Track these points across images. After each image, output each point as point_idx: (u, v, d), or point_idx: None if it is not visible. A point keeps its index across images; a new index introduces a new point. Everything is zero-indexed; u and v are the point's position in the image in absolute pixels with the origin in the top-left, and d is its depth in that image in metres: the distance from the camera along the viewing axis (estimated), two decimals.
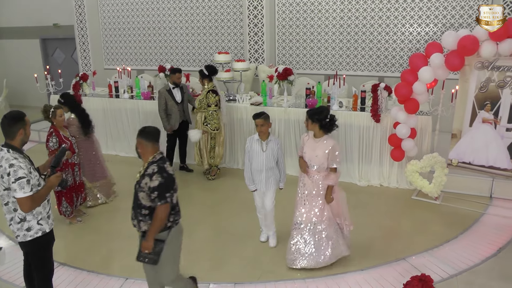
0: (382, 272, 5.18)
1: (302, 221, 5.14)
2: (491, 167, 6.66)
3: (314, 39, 10.18)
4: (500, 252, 5.58)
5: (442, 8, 9.14)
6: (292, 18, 10.19)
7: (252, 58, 10.25)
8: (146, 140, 3.96)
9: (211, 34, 11.02)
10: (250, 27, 10.14)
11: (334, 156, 4.98)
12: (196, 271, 5.11)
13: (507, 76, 6.32)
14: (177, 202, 4.03)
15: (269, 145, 5.35)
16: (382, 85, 7.25)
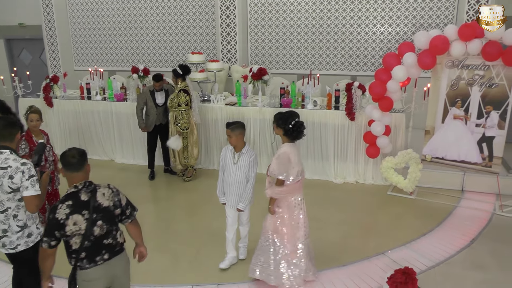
0: (362, 267, 5.28)
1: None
2: (462, 161, 6.88)
3: (286, 39, 10.26)
4: (473, 243, 5.81)
5: (412, 9, 9.38)
6: (265, 18, 10.25)
7: (225, 58, 10.26)
8: (66, 170, 3.36)
9: (183, 34, 10.96)
10: (223, 27, 10.14)
11: (272, 164, 4.63)
12: (179, 272, 5.15)
13: (476, 74, 6.54)
14: (82, 247, 3.30)
15: (241, 158, 4.90)
16: (356, 84, 7.39)
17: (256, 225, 5.22)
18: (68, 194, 3.31)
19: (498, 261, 5.39)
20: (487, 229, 6.18)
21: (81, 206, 3.28)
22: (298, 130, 4.53)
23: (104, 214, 3.35)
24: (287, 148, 4.53)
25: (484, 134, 6.62)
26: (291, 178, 4.59)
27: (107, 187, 3.45)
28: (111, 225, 3.41)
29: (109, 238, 3.40)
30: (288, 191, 4.63)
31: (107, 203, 3.38)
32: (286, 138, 4.59)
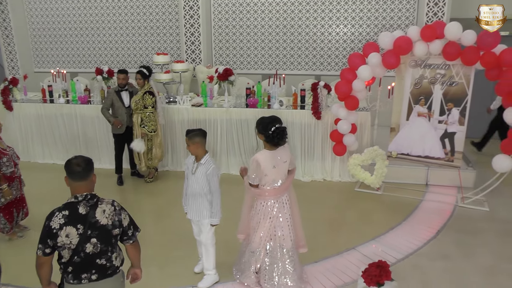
0: (334, 263, 5.39)
1: None
2: (427, 156, 7.15)
3: (250, 39, 10.33)
4: (439, 234, 6.06)
5: (374, 10, 9.66)
6: (228, 18, 10.29)
7: (189, 59, 10.24)
8: (69, 178, 3.22)
9: (147, 34, 10.84)
10: (187, 27, 10.11)
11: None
12: (153, 277, 5.07)
13: (438, 73, 6.81)
14: (71, 261, 3.16)
15: (199, 168, 4.56)
16: (321, 84, 7.53)
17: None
18: (67, 203, 3.16)
19: (462, 250, 5.66)
20: (451, 220, 6.46)
21: (77, 219, 3.11)
22: (279, 136, 4.38)
23: (100, 232, 3.16)
24: (258, 155, 4.44)
25: (446, 130, 6.92)
26: (265, 185, 4.54)
27: (110, 204, 3.26)
28: (106, 245, 3.20)
29: (102, 259, 3.21)
30: (258, 193, 4.58)
31: (106, 221, 3.18)
32: (267, 144, 4.46)
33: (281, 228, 4.62)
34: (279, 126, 4.39)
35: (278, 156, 4.47)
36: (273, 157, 4.45)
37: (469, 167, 7.59)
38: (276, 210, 4.59)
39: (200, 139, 4.51)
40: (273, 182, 4.52)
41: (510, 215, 6.65)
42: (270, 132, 4.35)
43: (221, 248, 5.17)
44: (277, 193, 4.57)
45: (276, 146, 4.45)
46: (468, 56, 6.30)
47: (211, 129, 8.00)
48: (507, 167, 6.40)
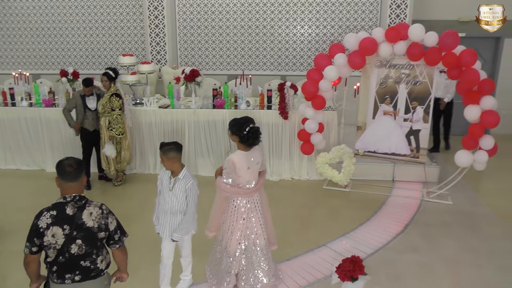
0: (306, 260, 5.47)
1: None
2: (393, 154, 7.35)
3: (216, 40, 10.36)
4: (407, 228, 6.26)
5: (338, 11, 9.87)
6: (193, 19, 10.28)
7: (154, 60, 10.19)
8: (60, 179, 3.22)
9: (111, 35, 10.73)
10: (151, 27, 10.06)
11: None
12: (129, 282, 5.03)
13: (402, 73, 7.02)
14: (56, 261, 3.18)
15: (176, 184, 4.35)
16: (288, 84, 7.64)
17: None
18: (56, 203, 3.16)
19: (429, 242, 5.89)
20: (418, 214, 6.70)
21: (64, 219, 3.11)
22: (253, 136, 4.37)
23: (85, 234, 3.15)
24: (234, 156, 4.41)
25: (411, 128, 7.14)
26: (238, 186, 4.54)
27: (98, 207, 3.25)
28: (91, 248, 3.20)
29: (87, 261, 3.21)
30: (233, 192, 4.55)
31: (92, 223, 3.17)
32: (241, 146, 4.43)
33: (254, 228, 4.65)
34: (253, 126, 4.39)
35: (252, 157, 4.49)
36: (247, 158, 4.46)
37: (433, 162, 7.89)
38: (248, 211, 4.60)
39: (175, 154, 4.29)
40: (247, 183, 4.53)
41: (471, 208, 6.96)
42: (245, 132, 4.34)
43: (193, 249, 5.15)
44: (250, 193, 4.58)
45: (250, 147, 4.46)
46: (431, 56, 6.51)
47: (179, 130, 7.98)
48: (468, 162, 6.69)
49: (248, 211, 4.60)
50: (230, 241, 4.63)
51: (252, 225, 4.64)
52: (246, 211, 4.59)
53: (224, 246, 4.69)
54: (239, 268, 4.71)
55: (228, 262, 4.68)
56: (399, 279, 5.09)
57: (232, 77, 9.81)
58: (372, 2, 9.83)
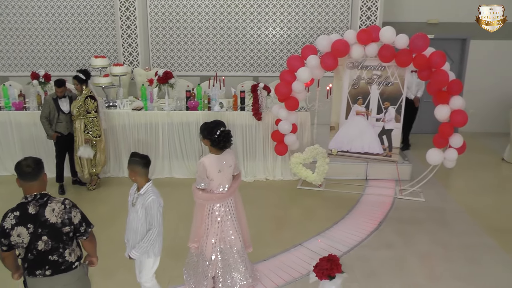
0: (283, 260, 5.53)
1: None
2: (366, 153, 7.49)
3: (188, 41, 10.35)
4: (381, 226, 6.41)
5: (309, 13, 9.99)
6: (165, 20, 10.25)
7: (126, 61, 10.10)
8: (20, 179, 3.30)
9: (82, 36, 10.56)
10: (123, 29, 9.97)
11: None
12: (108, 286, 4.97)
13: (374, 74, 7.17)
14: (26, 258, 3.28)
15: (138, 200, 4.07)
16: (261, 85, 7.69)
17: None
18: (19, 204, 3.25)
19: (403, 239, 6.05)
20: (391, 212, 6.86)
21: (27, 219, 3.19)
22: (224, 139, 4.40)
23: (50, 230, 3.23)
24: (205, 159, 4.45)
25: (383, 127, 7.31)
26: (211, 190, 4.55)
27: (60, 203, 3.32)
28: (57, 242, 3.27)
29: (54, 255, 3.29)
30: (206, 198, 4.55)
31: (55, 219, 3.24)
32: (212, 149, 4.46)
33: (229, 231, 4.68)
34: (224, 130, 4.43)
35: (224, 160, 4.52)
36: (219, 161, 4.48)
37: (405, 161, 8.07)
38: (223, 214, 4.63)
39: (138, 168, 4.02)
40: (219, 187, 4.55)
41: (443, 205, 7.17)
42: (215, 136, 4.37)
43: (168, 253, 5.16)
44: (224, 197, 4.59)
45: (222, 150, 4.49)
46: (402, 58, 6.67)
47: (153, 133, 7.95)
48: (439, 160, 6.90)
49: (223, 215, 4.62)
50: (205, 245, 4.64)
51: (227, 228, 4.66)
52: (221, 215, 4.61)
53: (200, 250, 4.70)
54: (215, 271, 4.73)
55: (204, 266, 4.70)
56: (374, 275, 5.21)
57: (205, 79, 9.84)
58: (343, 4, 9.99)
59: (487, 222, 6.56)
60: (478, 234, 6.22)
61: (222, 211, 4.61)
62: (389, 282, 5.11)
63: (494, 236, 6.14)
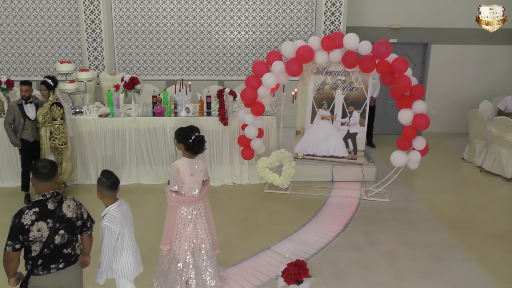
0: (252, 264, 5.58)
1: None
2: (331, 156, 7.63)
3: (153, 45, 10.30)
4: (347, 227, 6.55)
5: (274, 18, 10.11)
6: (130, 23, 10.17)
7: (92, 66, 9.98)
8: (36, 179, 3.49)
9: (46, 39, 10.34)
10: (88, 32, 9.84)
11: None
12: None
13: (338, 80, 7.33)
14: (41, 254, 3.43)
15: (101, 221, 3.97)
16: (227, 90, 7.73)
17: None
18: (36, 201, 3.47)
19: (368, 239, 6.21)
20: (357, 213, 7.02)
21: (47, 214, 3.44)
22: (198, 144, 4.54)
23: (66, 224, 3.52)
24: (178, 161, 4.56)
25: (348, 131, 7.48)
26: (183, 193, 4.65)
27: (72, 200, 3.66)
28: (71, 236, 3.58)
29: (68, 248, 3.57)
30: (178, 200, 4.66)
31: (71, 214, 3.56)
32: (186, 153, 4.59)
33: (199, 234, 4.78)
34: (198, 135, 4.56)
35: (196, 165, 4.63)
36: (191, 165, 4.60)
37: (370, 162, 8.25)
38: (195, 218, 4.73)
39: (104, 191, 3.95)
40: (191, 190, 4.66)
41: (407, 204, 7.39)
42: (190, 141, 4.50)
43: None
44: (195, 201, 4.71)
45: (195, 155, 4.61)
46: (365, 64, 6.84)
47: (120, 139, 7.91)
48: (403, 162, 7.10)
49: (195, 218, 4.72)
50: (179, 248, 4.72)
51: (197, 231, 4.76)
52: (193, 218, 4.71)
53: (173, 254, 4.76)
54: (189, 274, 4.79)
55: (177, 270, 4.75)
56: (342, 276, 5.33)
57: (171, 83, 9.83)
58: (307, 9, 10.13)
59: (449, 220, 6.81)
60: (440, 232, 6.45)
61: (194, 214, 4.72)
62: (356, 282, 5.24)
63: (455, 233, 6.40)
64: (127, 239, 4.05)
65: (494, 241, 6.24)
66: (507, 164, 8.38)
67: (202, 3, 10.08)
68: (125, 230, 4.02)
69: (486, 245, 6.11)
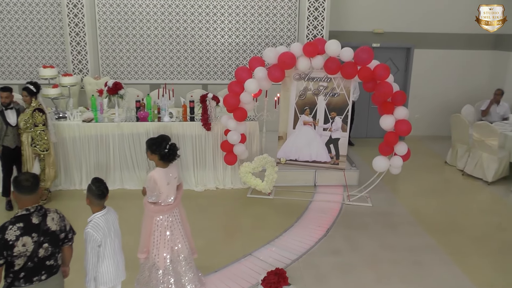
0: (234, 270, 5.59)
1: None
2: (314, 161, 7.66)
3: (137, 49, 10.27)
4: (329, 232, 6.58)
5: (257, 22, 10.12)
6: (114, 27, 10.13)
7: (76, 69, 9.93)
8: (18, 193, 3.47)
9: (29, 42, 10.21)
10: (72, 36, 9.77)
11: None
12: None
13: (320, 85, 7.37)
14: (24, 268, 3.41)
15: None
16: (210, 95, 7.74)
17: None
18: (19, 216, 3.43)
19: (350, 244, 6.26)
20: (339, 218, 7.06)
21: (32, 229, 3.41)
22: (173, 152, 4.57)
23: (51, 237, 3.52)
24: (154, 173, 4.54)
25: (330, 136, 7.52)
26: (160, 202, 4.66)
27: (55, 212, 3.66)
28: (55, 248, 3.58)
29: (51, 260, 3.57)
30: (157, 211, 4.67)
31: (55, 227, 3.56)
32: (160, 163, 4.58)
33: (177, 240, 4.81)
34: (172, 143, 4.59)
35: (170, 173, 4.66)
36: (167, 174, 4.61)
37: (352, 167, 8.31)
38: (171, 224, 4.77)
39: (92, 199, 4.01)
40: (167, 198, 4.68)
41: (389, 209, 7.46)
42: (166, 150, 4.52)
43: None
44: (171, 208, 4.75)
45: (169, 163, 4.63)
46: (347, 70, 6.89)
47: (103, 144, 7.88)
48: (385, 167, 7.17)
49: (171, 224, 4.76)
50: (158, 256, 4.74)
51: (174, 237, 4.80)
52: (169, 225, 4.74)
53: (152, 262, 4.78)
54: (169, 281, 4.80)
55: (158, 277, 4.77)
56: (323, 282, 5.38)
57: (156, 86, 9.83)
58: (290, 14, 10.18)
59: (430, 223, 6.90)
60: (422, 236, 6.53)
61: (170, 221, 4.75)
62: (337, 287, 5.28)
63: (436, 237, 6.49)
64: (109, 248, 4.08)
65: (474, 244, 6.35)
66: (488, 168, 8.50)
67: (186, 7, 10.08)
68: (107, 239, 4.04)
69: (467, 249, 6.22)
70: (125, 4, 10.05)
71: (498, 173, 8.51)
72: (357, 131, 11.00)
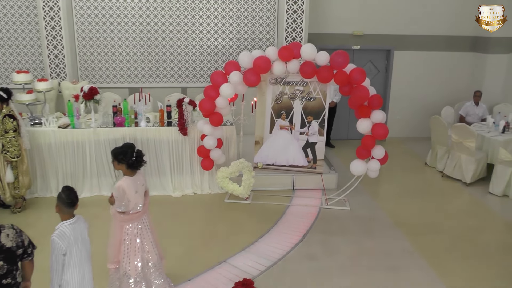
0: (207, 278, 5.51)
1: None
2: (291, 165, 7.63)
3: (115, 52, 10.17)
4: (305, 237, 6.53)
5: (236, 24, 10.07)
6: (92, 30, 10.01)
7: (53, 73, 9.79)
8: None
9: (4, 46, 10.01)
10: (48, 39, 9.63)
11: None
12: None
13: (296, 90, 7.34)
14: None
15: None
16: (186, 100, 7.66)
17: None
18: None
19: (327, 249, 6.22)
20: (316, 222, 7.02)
21: None
22: (140, 159, 4.55)
23: (6, 255, 3.36)
24: (122, 182, 4.50)
25: (307, 140, 7.50)
26: (130, 210, 4.63)
27: (11, 228, 3.49)
28: (11, 265, 3.42)
29: (8, 278, 3.41)
30: (126, 219, 4.64)
31: (11, 244, 3.41)
32: (128, 171, 4.55)
33: (146, 247, 4.79)
34: (137, 150, 4.55)
35: (138, 181, 4.63)
36: (134, 182, 4.58)
37: (331, 170, 8.27)
38: (140, 232, 4.73)
39: (61, 207, 3.93)
40: (136, 206, 4.64)
41: (368, 212, 7.43)
42: (133, 158, 4.48)
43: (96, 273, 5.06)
44: (140, 216, 4.71)
45: (136, 170, 4.60)
46: (323, 74, 6.86)
47: (80, 150, 7.77)
48: (362, 171, 7.14)
49: (140, 232, 4.73)
50: (129, 264, 4.70)
51: (144, 244, 4.77)
52: (139, 232, 4.71)
53: (123, 271, 4.73)
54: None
55: (129, 285, 4.72)
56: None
57: (134, 90, 9.72)
58: (269, 16, 10.13)
59: (408, 227, 6.89)
60: (399, 239, 6.52)
61: (139, 228, 4.72)
62: None
63: (413, 240, 6.48)
64: (74, 257, 3.97)
65: (451, 247, 6.36)
66: (466, 170, 8.52)
67: (164, 9, 9.99)
68: (73, 248, 3.94)
69: (443, 252, 6.22)
70: (102, 6, 9.93)
71: (476, 174, 8.54)
72: (338, 133, 10.99)
